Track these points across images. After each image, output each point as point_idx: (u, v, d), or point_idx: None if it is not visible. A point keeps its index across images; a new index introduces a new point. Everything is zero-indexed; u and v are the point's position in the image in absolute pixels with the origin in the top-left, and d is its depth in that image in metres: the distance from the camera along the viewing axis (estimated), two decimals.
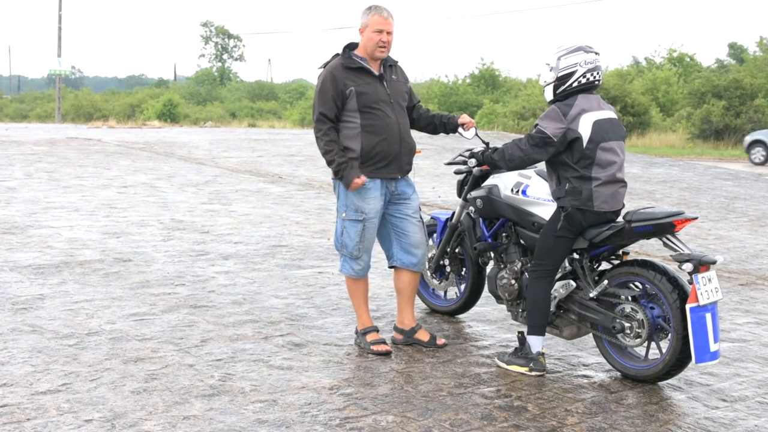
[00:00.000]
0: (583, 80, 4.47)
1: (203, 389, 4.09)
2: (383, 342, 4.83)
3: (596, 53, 4.50)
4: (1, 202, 9.37)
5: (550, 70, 4.52)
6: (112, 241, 7.52)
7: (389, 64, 4.83)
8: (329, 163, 4.67)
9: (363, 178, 4.64)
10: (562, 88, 4.50)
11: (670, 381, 4.49)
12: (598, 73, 4.48)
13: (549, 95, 4.58)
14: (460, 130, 5.02)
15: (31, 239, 7.44)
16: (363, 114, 4.66)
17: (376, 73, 4.74)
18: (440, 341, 4.94)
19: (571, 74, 4.46)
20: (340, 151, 4.66)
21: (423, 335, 4.95)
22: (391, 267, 4.98)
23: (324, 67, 4.78)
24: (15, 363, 4.35)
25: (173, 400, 3.93)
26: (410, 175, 4.92)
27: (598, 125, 4.43)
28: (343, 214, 4.76)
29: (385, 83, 4.75)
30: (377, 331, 4.90)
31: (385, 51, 4.72)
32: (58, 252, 6.98)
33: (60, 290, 5.81)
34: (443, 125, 5.05)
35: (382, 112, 4.69)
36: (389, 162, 4.72)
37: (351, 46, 4.81)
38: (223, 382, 4.19)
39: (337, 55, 4.80)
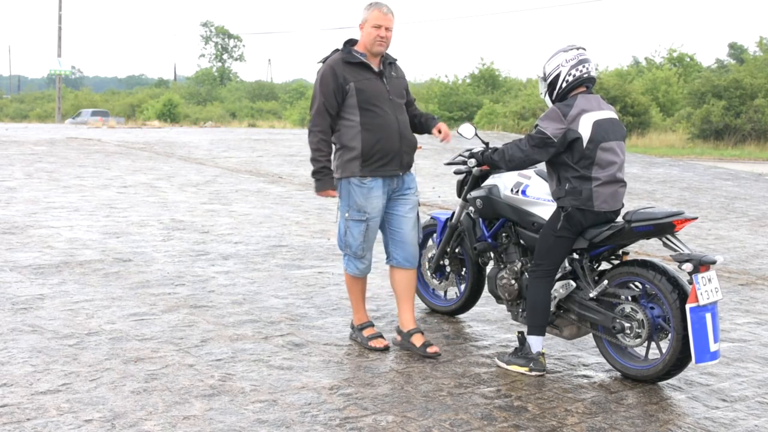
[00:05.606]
0: (570, 78, 4.49)
1: (203, 389, 4.09)
2: (380, 336, 4.85)
3: (578, 48, 4.54)
4: (1, 202, 9.37)
5: (541, 79, 4.62)
6: (112, 241, 7.52)
7: (389, 62, 4.82)
8: (314, 161, 4.68)
9: (334, 193, 4.71)
10: (555, 92, 4.56)
11: (670, 381, 4.49)
12: (584, 67, 4.50)
13: (548, 103, 4.63)
14: (458, 130, 5.04)
15: (31, 239, 7.44)
16: (362, 111, 4.65)
17: (376, 69, 4.73)
18: (431, 349, 4.74)
19: (558, 76, 4.52)
20: (328, 154, 4.69)
21: (417, 340, 4.81)
22: (387, 264, 4.99)
23: (323, 61, 4.76)
24: (15, 363, 4.35)
25: (173, 400, 3.93)
26: (412, 169, 4.90)
27: (598, 125, 4.43)
28: (346, 215, 4.76)
29: (384, 80, 4.74)
30: (373, 326, 4.92)
31: (383, 45, 4.70)
32: (58, 252, 6.98)
33: (60, 290, 5.81)
34: (420, 125, 5.00)
35: (381, 110, 4.68)
36: (390, 160, 4.71)
37: (351, 42, 4.81)
38: (223, 382, 4.19)
39: (337, 50, 4.79)
